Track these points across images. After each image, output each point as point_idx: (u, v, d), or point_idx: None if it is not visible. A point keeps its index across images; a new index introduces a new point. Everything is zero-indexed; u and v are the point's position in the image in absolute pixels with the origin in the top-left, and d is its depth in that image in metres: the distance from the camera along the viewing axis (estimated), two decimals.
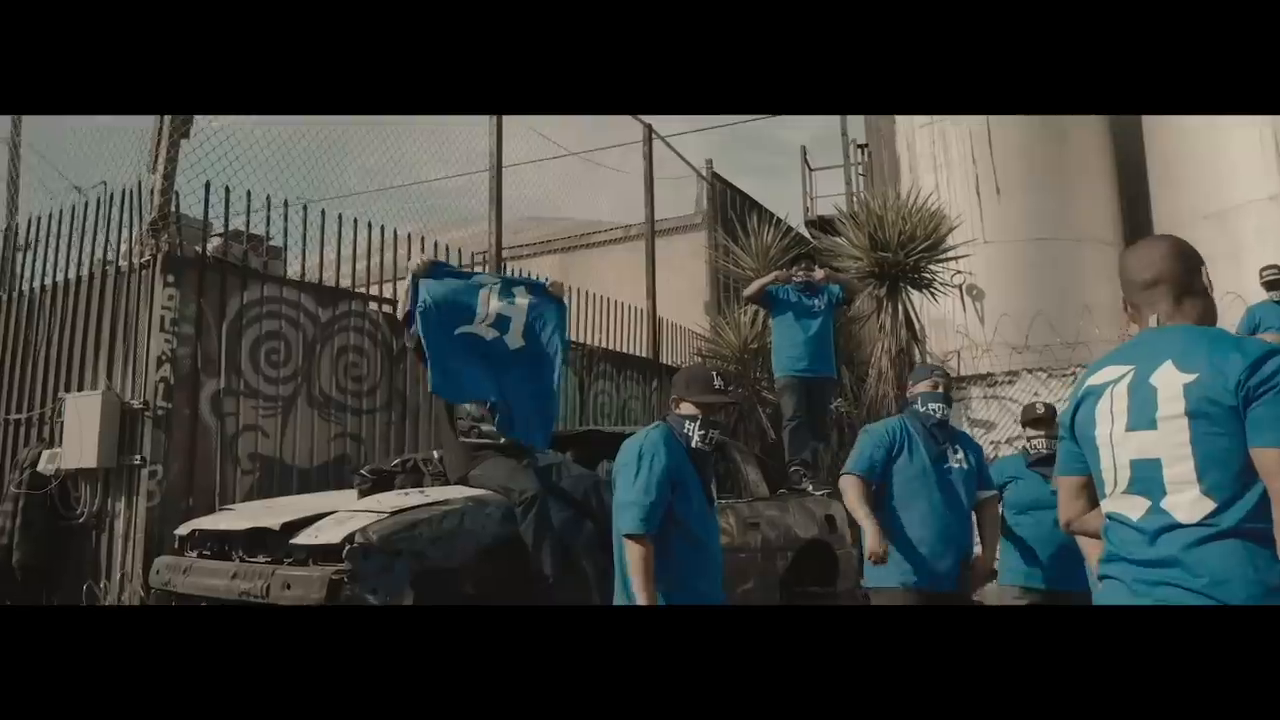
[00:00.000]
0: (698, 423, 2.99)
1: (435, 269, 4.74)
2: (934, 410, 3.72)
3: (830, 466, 8.33)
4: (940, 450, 3.67)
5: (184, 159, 5.39)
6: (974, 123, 12.03)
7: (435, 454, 4.63)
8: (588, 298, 8.90)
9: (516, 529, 4.01)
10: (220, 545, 4.12)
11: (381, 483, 4.50)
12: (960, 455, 3.68)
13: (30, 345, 5.74)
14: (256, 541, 3.89)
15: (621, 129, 10.49)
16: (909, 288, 9.51)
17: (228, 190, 5.49)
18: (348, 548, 3.53)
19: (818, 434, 6.88)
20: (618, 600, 2.99)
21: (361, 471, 4.58)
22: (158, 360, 5.06)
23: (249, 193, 5.59)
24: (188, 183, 5.39)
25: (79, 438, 5.06)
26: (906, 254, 9.18)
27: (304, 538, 3.68)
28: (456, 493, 4.11)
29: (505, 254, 8.68)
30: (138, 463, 4.98)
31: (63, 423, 5.20)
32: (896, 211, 9.40)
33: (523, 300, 4.80)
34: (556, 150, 10.87)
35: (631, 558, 2.82)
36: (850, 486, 3.66)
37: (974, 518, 3.76)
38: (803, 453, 6.50)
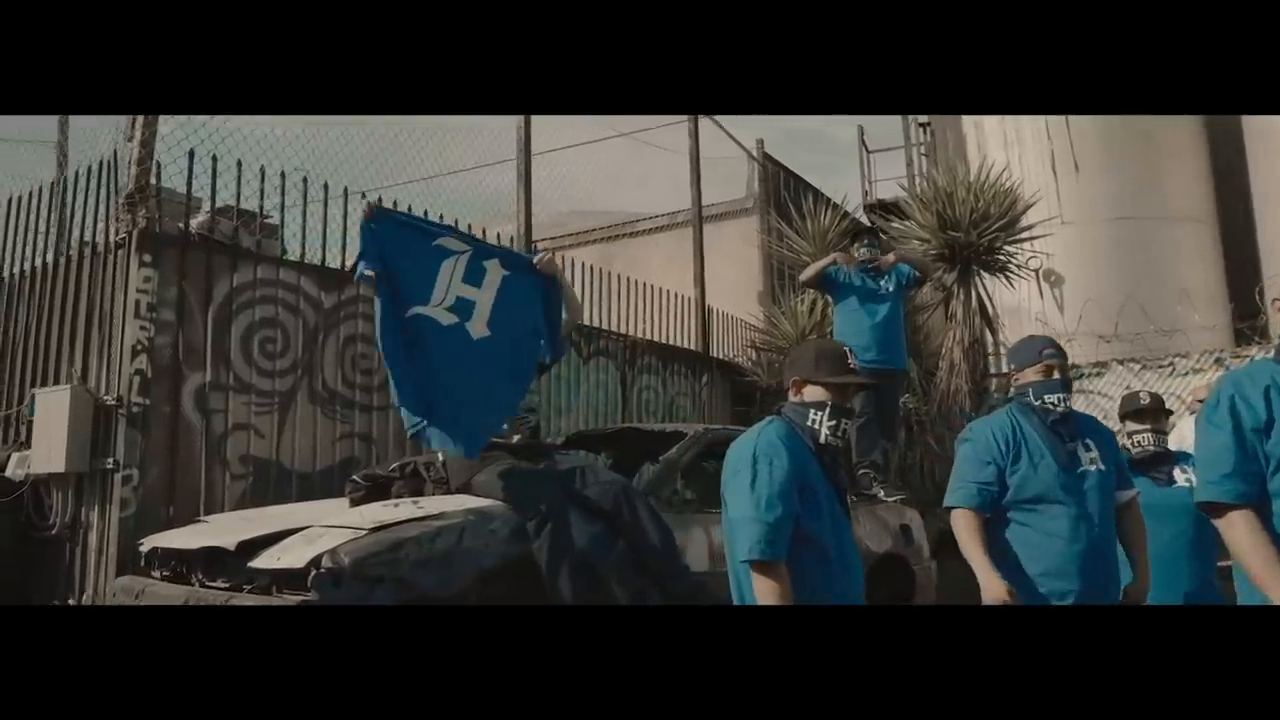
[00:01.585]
0: (826, 411, 2.39)
1: (386, 218, 3.86)
2: (1053, 404, 2.86)
3: (899, 468, 7.53)
4: (1069, 451, 2.81)
5: (164, 124, 4.78)
6: None
7: (440, 456, 3.93)
8: (629, 285, 8.18)
9: (529, 547, 3.31)
10: (181, 565, 3.48)
11: (377, 490, 3.84)
12: (1094, 453, 2.82)
13: (8, 337, 5.18)
14: (215, 563, 3.24)
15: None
16: (982, 271, 8.72)
17: (215, 159, 4.87)
18: (313, 573, 2.85)
19: (887, 432, 6.06)
20: None
21: (354, 478, 3.91)
22: (132, 350, 4.44)
23: (239, 162, 4.97)
24: (168, 150, 4.78)
25: (48, 438, 4.47)
26: (979, 234, 8.40)
27: (264, 560, 3.01)
28: (456, 504, 3.41)
29: (544, 245, 7.99)
30: (110, 466, 4.37)
31: (32, 421, 4.62)
32: (967, 188, 8.61)
33: (494, 277, 3.90)
34: (597, 130, 10.18)
35: (760, 591, 2.18)
36: (962, 525, 2.80)
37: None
38: (872, 454, 5.68)
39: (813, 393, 2.42)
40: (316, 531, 3.11)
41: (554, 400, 7.01)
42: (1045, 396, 2.88)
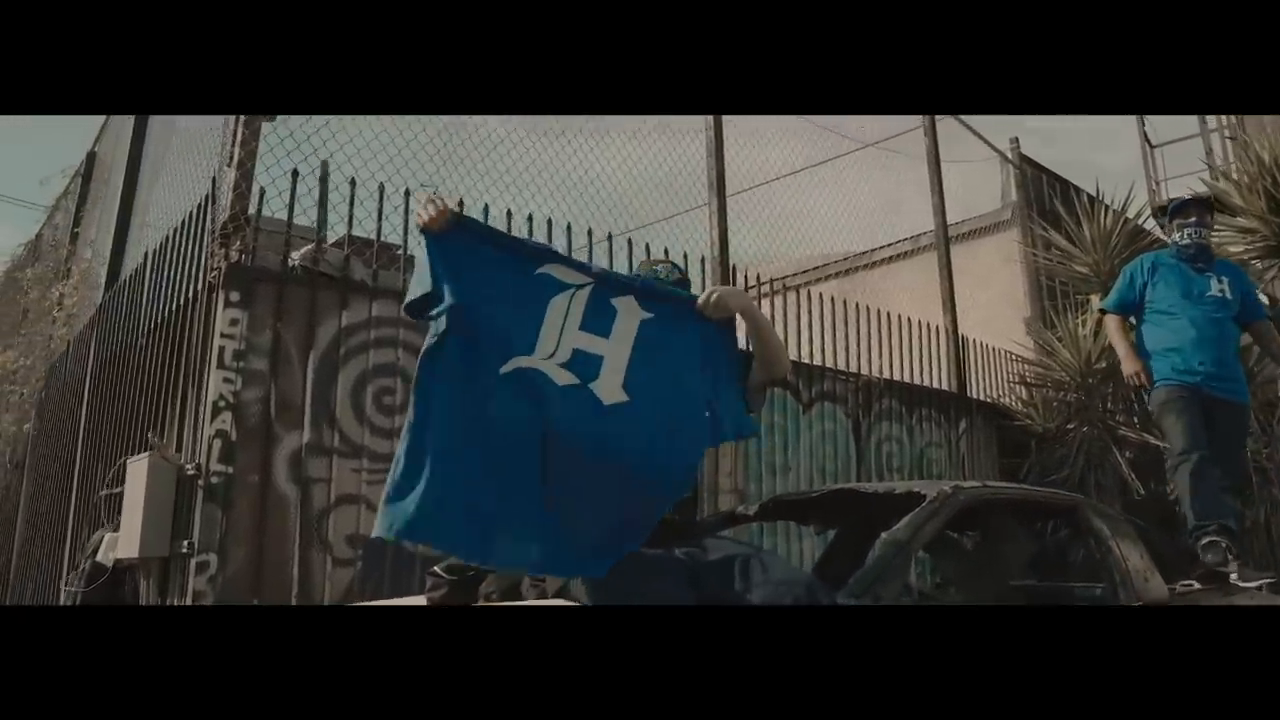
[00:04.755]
0: None
1: (459, 229, 2.48)
2: None
3: (1254, 536, 5.51)
4: None
5: (266, 143, 4.06)
6: None
7: None
8: (861, 313, 6.75)
9: None
10: None
11: (462, 587, 2.71)
12: None
13: (127, 402, 4.62)
14: None
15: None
16: None
17: (325, 172, 4.07)
18: None
19: (1234, 485, 4.20)
20: None
21: (435, 569, 2.80)
22: (214, 408, 3.64)
23: (353, 180, 4.14)
24: (266, 171, 4.04)
25: (130, 517, 3.76)
26: None
27: None
28: None
29: (771, 285, 6.69)
30: (185, 550, 3.55)
31: (121, 496, 3.94)
32: None
33: (629, 323, 2.53)
34: (828, 145, 8.82)
35: None
36: None
37: None
38: (1219, 515, 3.84)
39: None
40: None
41: (765, 458, 5.69)
42: None
